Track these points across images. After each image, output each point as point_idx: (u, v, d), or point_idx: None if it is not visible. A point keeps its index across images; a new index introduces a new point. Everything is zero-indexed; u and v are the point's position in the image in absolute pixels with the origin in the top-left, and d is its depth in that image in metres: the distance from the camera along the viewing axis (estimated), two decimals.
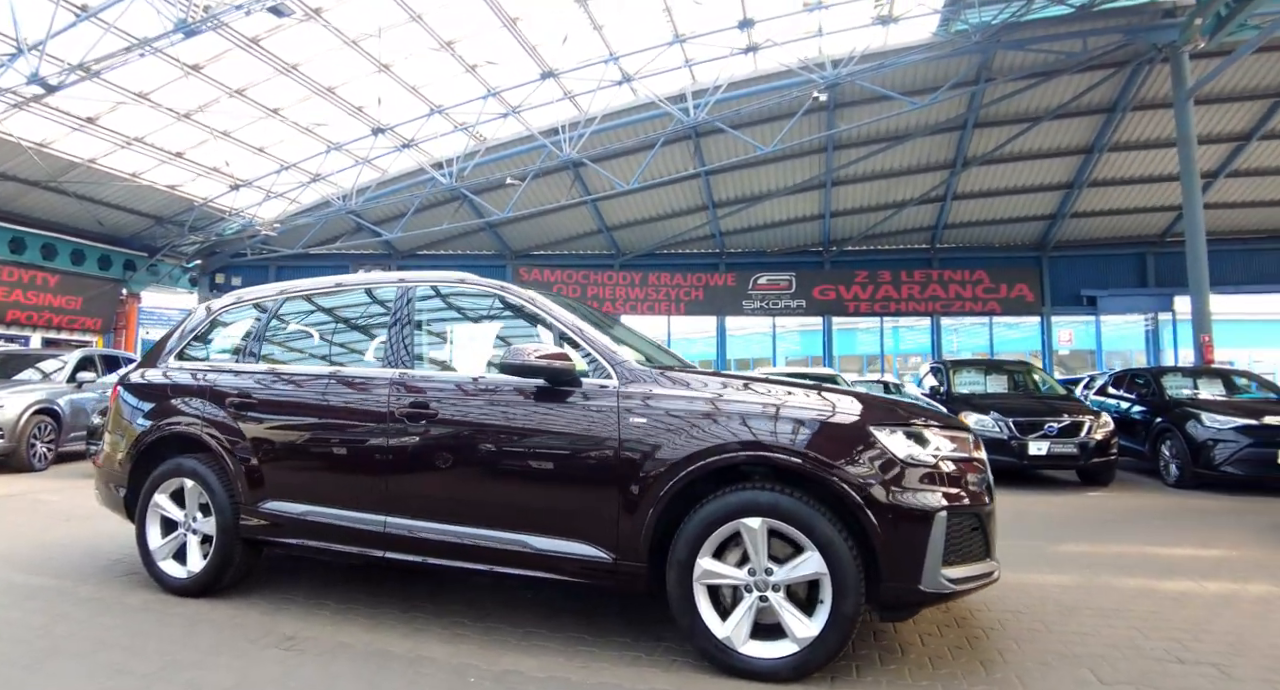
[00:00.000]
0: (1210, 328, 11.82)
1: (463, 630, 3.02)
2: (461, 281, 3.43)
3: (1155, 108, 14.70)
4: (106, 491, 3.82)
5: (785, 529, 2.55)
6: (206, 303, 4.14)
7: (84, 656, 2.68)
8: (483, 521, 2.94)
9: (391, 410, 3.14)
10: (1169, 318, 18.93)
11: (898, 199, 18.17)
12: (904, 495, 2.52)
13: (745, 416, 2.68)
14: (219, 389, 3.57)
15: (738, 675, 2.54)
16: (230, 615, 3.17)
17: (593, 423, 2.81)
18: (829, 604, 2.50)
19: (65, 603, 3.30)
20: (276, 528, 3.31)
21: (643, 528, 2.67)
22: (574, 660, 2.71)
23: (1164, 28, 12.21)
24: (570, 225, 19.41)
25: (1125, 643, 2.96)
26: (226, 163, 14.87)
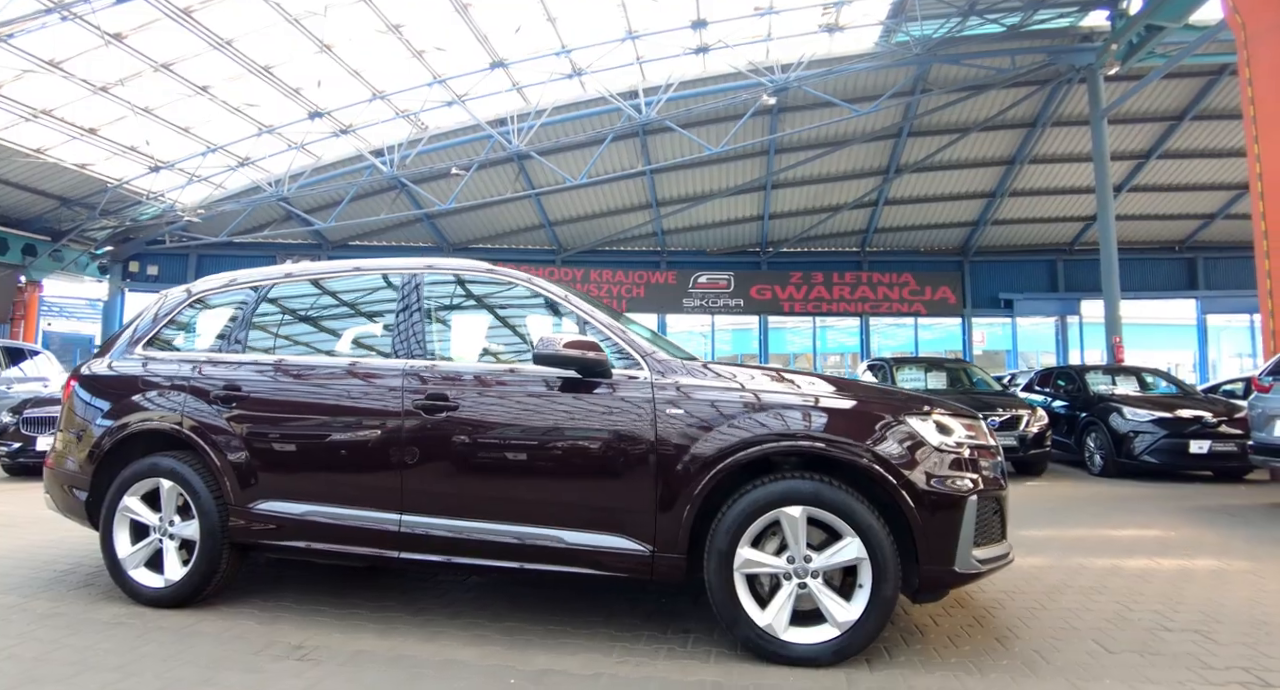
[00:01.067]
0: (1120, 330, 12.80)
1: (483, 631, 2.94)
2: (487, 271, 3.32)
3: (1071, 124, 15.78)
4: (62, 495, 3.48)
5: (825, 516, 2.62)
6: (186, 287, 3.80)
7: (68, 681, 2.41)
8: (510, 517, 2.86)
9: (407, 403, 3.00)
10: (1076, 320, 20.38)
11: (833, 203, 18.80)
12: (939, 481, 2.63)
13: (785, 408, 2.73)
14: (204, 381, 3.30)
15: (779, 662, 2.59)
16: (222, 627, 2.95)
17: (627, 414, 2.79)
18: (868, 588, 2.58)
19: (22, 621, 2.97)
20: (273, 530, 3.09)
21: (682, 519, 2.68)
22: (610, 656, 2.68)
23: (1082, 51, 13.13)
24: (512, 219, 19.12)
25: (1115, 616, 3.20)
26: (146, 142, 13.85)
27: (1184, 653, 2.75)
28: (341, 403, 3.12)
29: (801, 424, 2.69)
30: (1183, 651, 2.76)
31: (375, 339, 3.46)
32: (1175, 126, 15.76)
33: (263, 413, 3.20)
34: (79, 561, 3.94)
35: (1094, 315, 20.27)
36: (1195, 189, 17.98)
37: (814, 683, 2.46)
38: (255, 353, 3.44)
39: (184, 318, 3.67)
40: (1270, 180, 8.38)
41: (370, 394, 3.09)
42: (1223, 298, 19.93)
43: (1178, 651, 2.76)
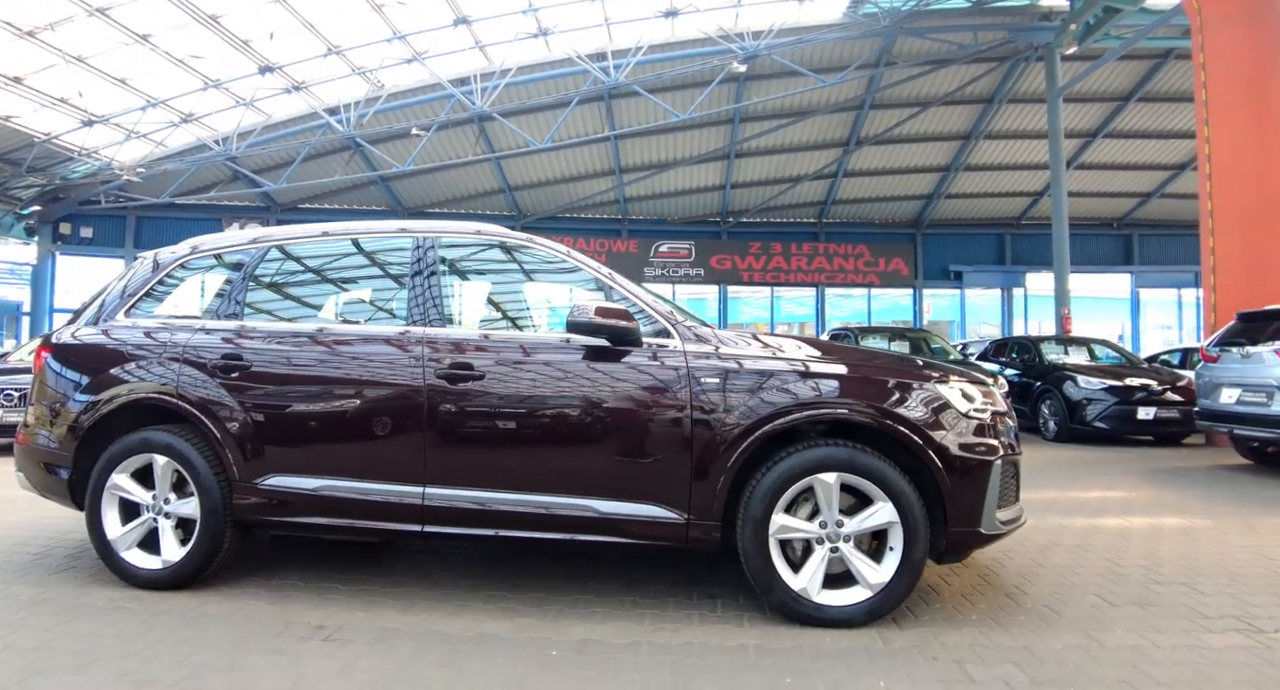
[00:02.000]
0: (1069, 302, 13.40)
1: (508, 603, 2.92)
2: (499, 235, 3.24)
3: (1025, 102, 16.22)
4: (39, 474, 3.27)
5: (858, 482, 2.71)
6: (171, 249, 3.56)
7: (82, 671, 2.29)
8: (541, 488, 2.83)
9: (429, 372, 2.91)
10: (1021, 292, 21.22)
11: (794, 174, 18.94)
12: (967, 447, 2.74)
13: (820, 376, 2.79)
14: (201, 349, 3.11)
15: (813, 623, 2.68)
16: (231, 608, 2.84)
17: (661, 382, 2.80)
18: (899, 551, 2.69)
19: (8, 609, 2.81)
20: (281, 506, 2.97)
21: (718, 487, 2.72)
22: (642, 623, 2.72)
23: (1041, 29, 13.44)
24: (471, 183, 18.64)
25: (1107, 571, 3.42)
26: (79, 94, 12.88)
27: (1179, 604, 2.97)
28: (357, 372, 3.00)
29: (837, 392, 2.76)
30: (1177, 603, 2.98)
31: (387, 305, 3.34)
32: (1122, 107, 16.36)
33: (269, 383, 3.05)
34: (53, 543, 3.75)
35: (1038, 288, 21.20)
36: (1135, 168, 18.77)
37: (851, 642, 2.57)
38: (256, 319, 3.28)
39: (170, 282, 3.44)
40: (1218, 163, 8.83)
41: (389, 363, 2.98)
42: (1155, 273, 21.02)
43: (1173, 603, 2.98)
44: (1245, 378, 6.45)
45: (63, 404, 3.22)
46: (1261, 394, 6.25)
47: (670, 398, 2.78)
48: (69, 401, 3.21)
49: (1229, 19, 8.84)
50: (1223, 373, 6.75)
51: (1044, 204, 20.10)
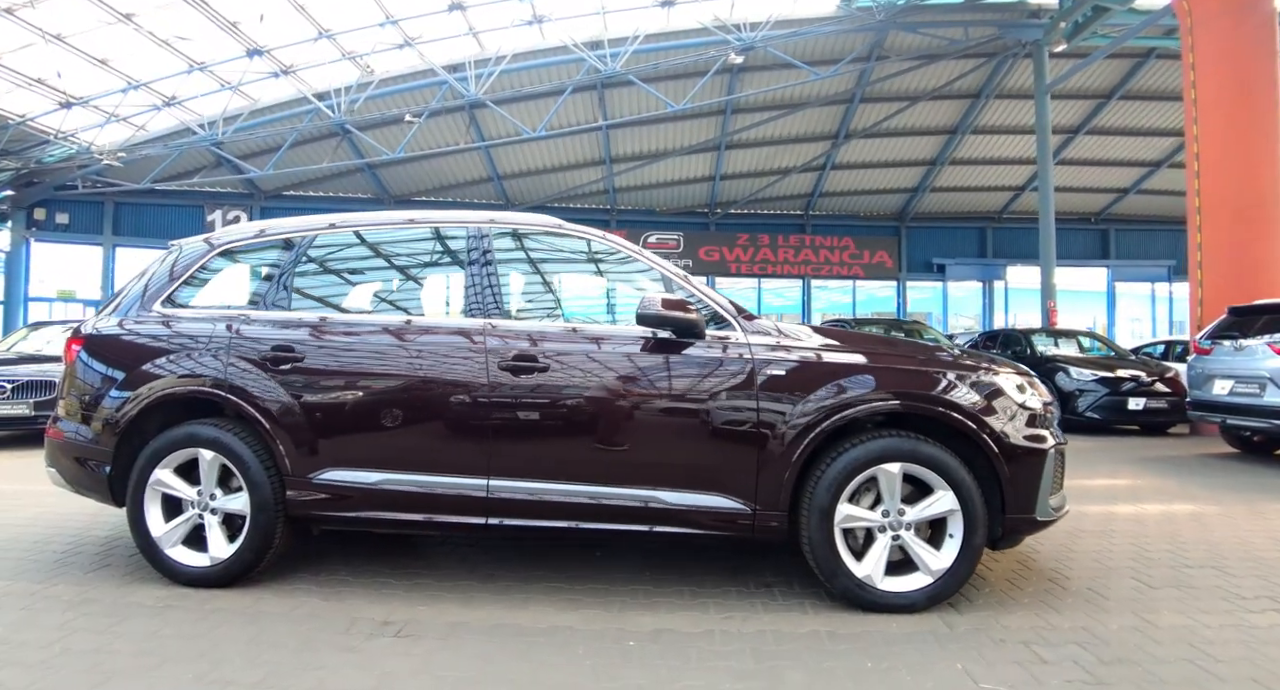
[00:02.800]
0: (1055, 295, 13.71)
1: (569, 595, 2.94)
2: (560, 227, 3.25)
3: (1011, 97, 16.48)
4: (75, 469, 3.18)
5: (919, 472, 2.78)
6: (206, 237, 3.48)
7: (153, 673, 2.23)
8: (607, 479, 2.85)
9: (493, 364, 2.90)
10: (1002, 285, 21.63)
11: (783, 166, 19.05)
12: (1024, 436, 2.84)
13: (884, 368, 2.86)
14: (250, 341, 3.04)
15: (877, 609, 2.75)
16: (287, 605, 2.79)
17: (727, 374, 2.84)
18: (959, 538, 2.77)
19: (54, 610, 2.71)
20: (339, 501, 2.93)
21: (784, 478, 2.77)
22: (709, 613, 2.76)
23: (1030, 27, 13.65)
24: (459, 171, 18.45)
25: (1136, 555, 3.56)
26: (58, 74, 12.48)
27: (1213, 586, 3.11)
28: (418, 363, 2.96)
29: (900, 384, 2.83)
30: (1211, 585, 3.12)
31: (445, 296, 3.33)
32: (1104, 104, 16.70)
33: (324, 375, 2.99)
34: (77, 540, 3.67)
35: (1018, 281, 21.63)
36: (1114, 164, 19.20)
37: (916, 627, 2.65)
38: (306, 310, 3.23)
39: (209, 271, 3.36)
40: (1207, 160, 9.08)
41: (451, 354, 2.95)
42: (1130, 267, 21.56)
43: (1207, 585, 3.12)
44: (1238, 370, 6.69)
45: (100, 397, 3.13)
46: (1254, 385, 6.49)
47: (737, 390, 2.82)
48: (107, 395, 3.11)
49: (1218, 18, 9.07)
50: (1215, 365, 6.99)
51: (1025, 198, 20.50)
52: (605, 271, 3.37)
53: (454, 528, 2.97)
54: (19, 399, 7.11)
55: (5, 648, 2.39)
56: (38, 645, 2.41)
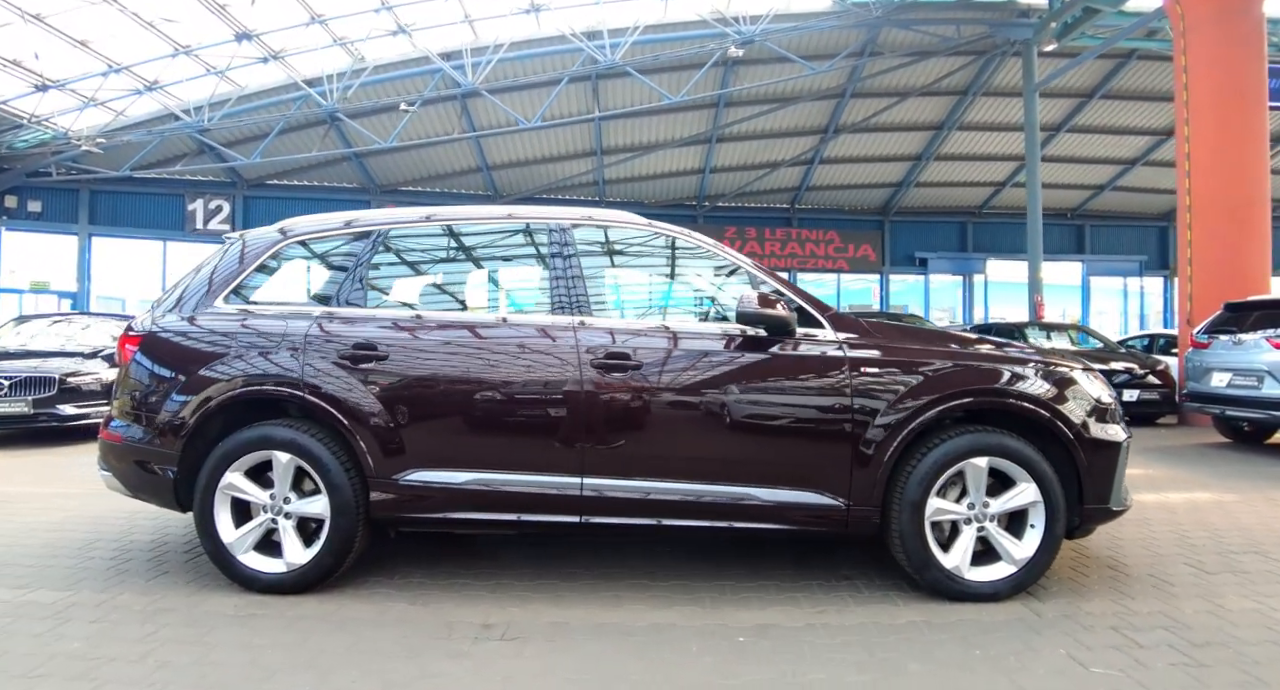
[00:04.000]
0: (1042, 289, 14.05)
1: (659, 592, 2.95)
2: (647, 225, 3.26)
3: (998, 95, 16.78)
4: (135, 473, 3.07)
5: (1004, 465, 2.88)
6: (278, 228, 3.34)
7: (264, 685, 2.19)
8: (701, 477, 2.87)
9: (585, 362, 2.90)
10: (982, 278, 22.08)
11: (773, 159, 19.16)
12: (1101, 429, 2.95)
13: (970, 363, 2.94)
14: (326, 339, 2.96)
15: (965, 599, 2.84)
16: (373, 611, 2.75)
17: (821, 371, 2.89)
18: (1041, 528, 2.88)
19: (130, 622, 2.64)
20: (426, 502, 2.88)
21: (878, 473, 2.84)
22: (801, 607, 2.80)
23: (1020, 26, 13.91)
24: (447, 161, 18.21)
25: (1180, 542, 3.71)
26: (35, 56, 12.01)
27: (1263, 570, 3.27)
28: (508, 362, 2.94)
29: (986, 382, 2.91)
30: (1261, 569, 3.28)
31: (528, 293, 3.32)
32: (1085, 103, 17.10)
33: (410, 374, 2.94)
34: (120, 544, 3.58)
35: (997, 275, 22.11)
36: (1092, 162, 19.67)
37: (1006, 615, 2.75)
38: (386, 306, 3.20)
39: (277, 265, 3.27)
40: (1197, 160, 9.38)
41: (541, 352, 2.94)
42: (1104, 262, 22.17)
43: (1258, 570, 3.28)
44: (1237, 363, 6.96)
45: (164, 398, 3.01)
46: (1253, 378, 6.77)
47: (830, 387, 2.87)
48: (171, 395, 3.00)
49: (1210, 22, 9.35)
50: (1213, 358, 7.27)
51: (1006, 194, 20.92)
52: (692, 269, 3.39)
53: (546, 527, 2.95)
54: (16, 397, 6.89)
55: (96, 664, 2.31)
56: (129, 660, 2.33)
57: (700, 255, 3.25)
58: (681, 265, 3.39)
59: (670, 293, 3.48)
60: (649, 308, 3.40)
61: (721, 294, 3.27)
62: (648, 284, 3.48)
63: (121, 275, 17.16)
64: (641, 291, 3.47)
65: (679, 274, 3.40)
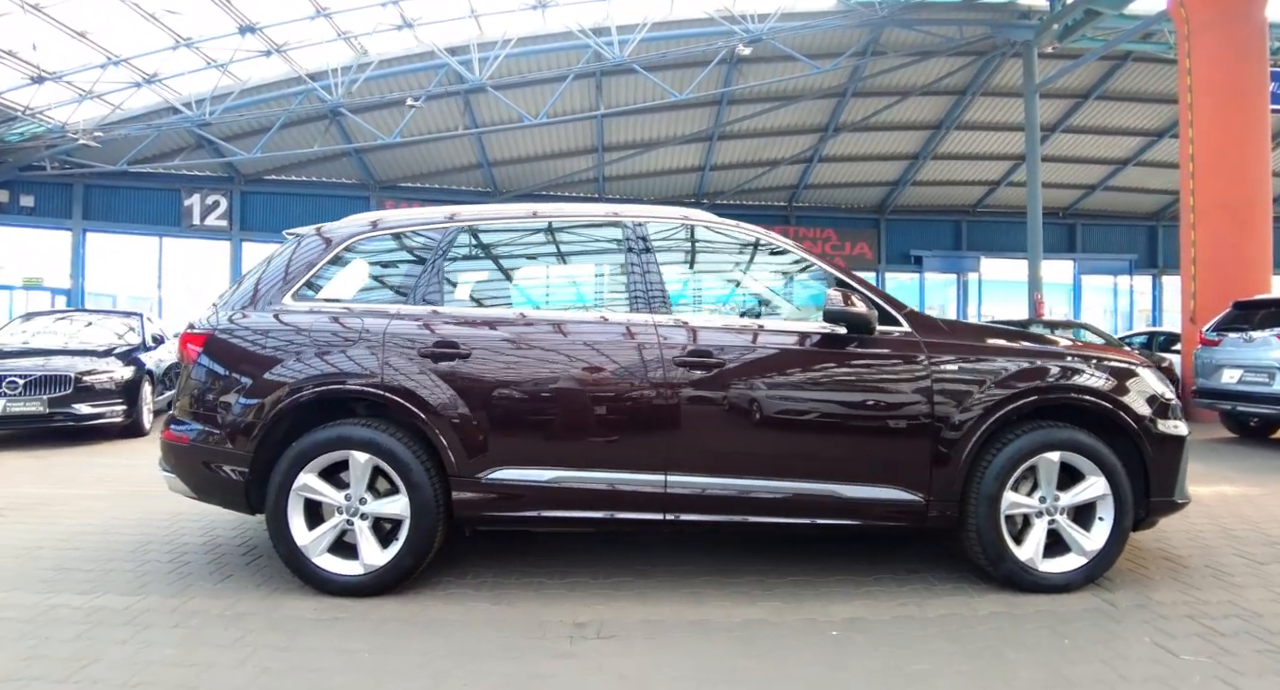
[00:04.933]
0: (1041, 287, 14.26)
1: (739, 588, 2.97)
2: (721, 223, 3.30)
3: (996, 95, 16.97)
4: (202, 475, 3.03)
5: (1075, 460, 2.95)
6: (336, 225, 3.30)
7: (377, 687, 2.19)
8: (784, 474, 2.91)
9: (667, 359, 2.92)
10: (976, 276, 22.34)
11: (773, 157, 19.24)
12: (1166, 424, 3.04)
13: (1045, 364, 3.00)
14: (405, 337, 2.95)
15: (1039, 590, 2.92)
16: (458, 612, 2.74)
17: (902, 368, 2.94)
18: (1110, 521, 2.96)
19: (212, 626, 2.60)
20: (510, 500, 2.88)
21: (958, 469, 2.89)
22: (881, 601, 2.85)
23: (1021, 27, 14.07)
24: (447, 157, 18.09)
25: (1223, 534, 3.82)
26: (33, 46, 11.78)
27: None
28: (592, 359, 2.96)
29: (1060, 377, 2.98)
30: None
31: (605, 291, 3.33)
32: (1080, 104, 17.34)
33: (492, 372, 2.93)
34: (174, 547, 3.54)
35: (991, 273, 22.37)
36: (1085, 162, 19.95)
37: (1083, 605, 2.82)
38: (466, 303, 3.20)
39: (347, 261, 3.23)
40: (1201, 161, 9.57)
41: (624, 350, 2.95)
42: (1095, 260, 22.52)
43: None
44: (1248, 360, 7.13)
45: (234, 397, 2.97)
46: (1264, 374, 6.94)
47: (911, 383, 2.93)
48: (243, 395, 2.96)
49: (1213, 26, 9.53)
50: (1224, 355, 7.44)
51: (1000, 193, 21.16)
52: (771, 268, 3.43)
53: (631, 524, 2.97)
54: (31, 396, 6.79)
55: (196, 671, 2.27)
56: (228, 666, 2.31)
57: (779, 254, 3.29)
58: (761, 264, 3.43)
59: (750, 291, 3.50)
60: (730, 306, 3.43)
61: (801, 292, 3.32)
62: (730, 283, 3.52)
63: (116, 271, 16.90)
64: (723, 290, 3.50)
65: (759, 273, 3.44)
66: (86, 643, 2.46)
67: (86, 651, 2.40)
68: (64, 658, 2.35)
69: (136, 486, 4.95)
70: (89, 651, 2.40)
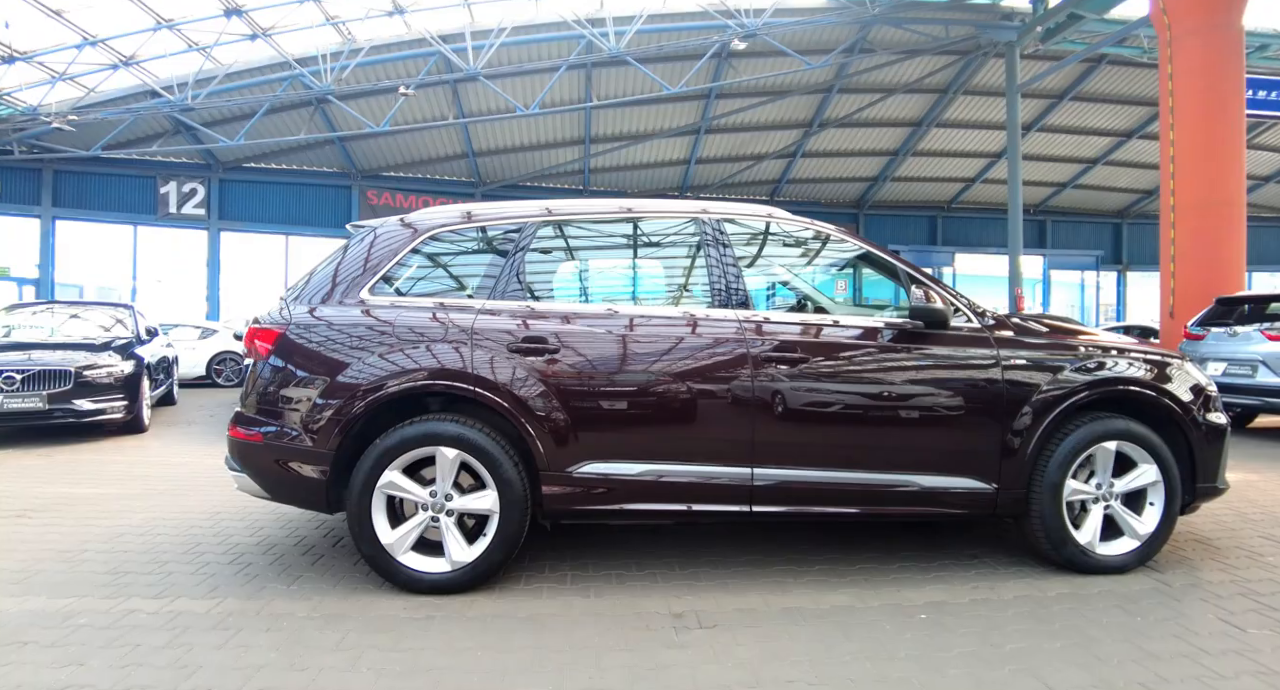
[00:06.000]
0: (1021, 282, 14.69)
1: (817, 577, 3.05)
2: (793, 220, 3.39)
3: (977, 94, 17.39)
4: (277, 474, 2.95)
5: (1128, 449, 3.13)
6: (418, 218, 3.26)
7: (505, 684, 2.19)
8: (866, 465, 3.00)
9: (754, 355, 2.98)
10: (950, 271, 22.88)
11: (758, 152, 19.44)
12: (1211, 415, 3.23)
13: (1106, 356, 3.16)
14: (493, 332, 2.94)
15: (1098, 571, 3.08)
16: (557, 606, 2.74)
17: (975, 363, 3.06)
18: (1160, 506, 3.14)
19: (306, 628, 2.55)
20: (600, 494, 2.91)
21: (1025, 458, 3.03)
22: (955, 585, 2.97)
23: (1005, 28, 14.44)
24: (432, 146, 17.88)
25: (1240, 517, 4.03)
26: (4, 24, 11.31)
27: None
28: (678, 354, 2.99)
29: (1121, 370, 3.15)
30: None
31: (688, 286, 3.38)
32: (1056, 104, 17.87)
33: (582, 367, 2.94)
34: (227, 546, 3.48)
35: (965, 268, 22.95)
36: (1057, 160, 20.57)
37: (1140, 585, 2.99)
38: (550, 299, 3.22)
39: (421, 257, 3.20)
40: (1181, 163, 9.97)
41: (710, 345, 3.00)
42: (1064, 256, 23.24)
43: None
44: (1232, 353, 7.50)
45: (313, 394, 2.90)
46: (1247, 367, 7.31)
47: (984, 376, 3.06)
48: (324, 391, 2.89)
49: (1194, 33, 9.91)
50: (1207, 349, 7.80)
51: (975, 189, 21.72)
52: (843, 264, 3.53)
53: (716, 516, 3.02)
54: (31, 391, 6.59)
55: (310, 674, 2.24)
56: (341, 669, 2.27)
57: (854, 252, 3.39)
58: (834, 260, 3.53)
59: (829, 287, 3.60)
60: (809, 301, 3.52)
61: (878, 289, 3.43)
62: (799, 278, 3.60)
63: (87, 261, 16.33)
64: (799, 285, 3.58)
65: (832, 268, 3.54)
66: (182, 649, 2.40)
67: (185, 658, 2.34)
68: (163, 665, 2.29)
69: (165, 484, 4.87)
70: (188, 658, 2.34)
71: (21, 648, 2.41)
